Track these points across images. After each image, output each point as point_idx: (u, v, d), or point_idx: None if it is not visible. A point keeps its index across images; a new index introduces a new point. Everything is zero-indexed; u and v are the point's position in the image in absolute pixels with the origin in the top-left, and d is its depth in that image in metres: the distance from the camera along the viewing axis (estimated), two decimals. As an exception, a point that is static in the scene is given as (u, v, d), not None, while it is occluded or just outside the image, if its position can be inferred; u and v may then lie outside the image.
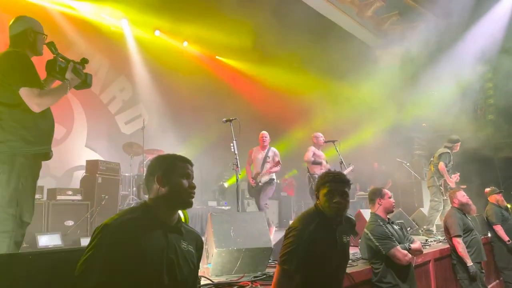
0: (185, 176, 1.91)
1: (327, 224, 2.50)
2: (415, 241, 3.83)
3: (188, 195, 1.88)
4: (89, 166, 6.87)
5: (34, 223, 5.47)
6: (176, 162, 1.94)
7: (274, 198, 10.54)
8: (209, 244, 3.63)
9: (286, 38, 9.66)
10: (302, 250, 2.34)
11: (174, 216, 1.91)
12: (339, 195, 2.47)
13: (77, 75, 3.08)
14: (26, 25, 3.03)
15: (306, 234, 2.38)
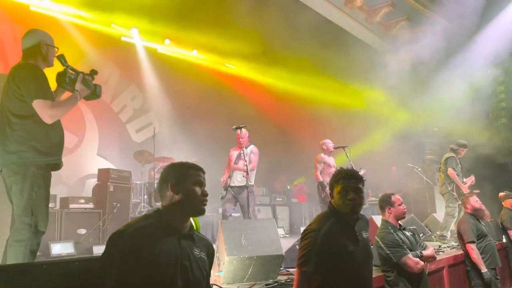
0: (197, 183, 1.93)
1: (344, 222, 2.47)
2: (428, 248, 3.78)
3: (200, 203, 1.91)
4: (101, 175, 6.93)
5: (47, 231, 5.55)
6: (189, 170, 1.97)
7: (284, 204, 10.52)
8: (220, 252, 3.63)
9: (295, 44, 9.68)
10: (319, 250, 2.30)
11: (187, 223, 1.94)
12: (353, 192, 2.45)
13: (86, 86, 3.15)
14: (39, 38, 3.12)
15: (322, 233, 2.35)
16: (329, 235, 2.35)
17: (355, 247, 2.41)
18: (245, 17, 8.58)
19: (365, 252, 2.50)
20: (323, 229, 2.37)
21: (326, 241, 2.32)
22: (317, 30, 9.71)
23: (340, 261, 2.34)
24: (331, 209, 2.53)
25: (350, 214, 2.47)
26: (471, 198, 5.39)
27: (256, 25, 8.77)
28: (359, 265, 2.42)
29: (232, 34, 9.12)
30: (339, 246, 2.36)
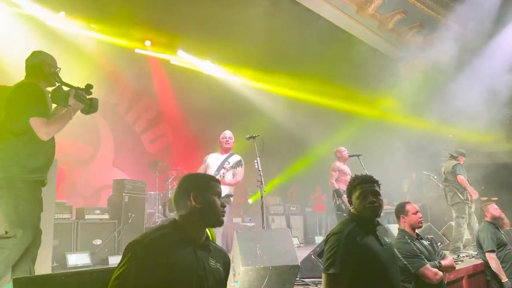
0: (217, 195, 1.98)
1: (365, 226, 2.51)
2: (447, 257, 3.71)
3: (220, 214, 1.96)
4: (116, 185, 7.00)
5: (64, 242, 5.64)
6: (210, 181, 2.02)
7: (298, 213, 10.46)
8: (235, 262, 3.62)
9: (308, 53, 9.71)
10: (343, 251, 2.34)
11: (204, 233, 1.95)
12: (371, 195, 2.51)
13: (79, 101, 3.18)
14: (41, 58, 3.22)
15: (345, 235, 2.40)
16: (352, 235, 2.41)
17: (379, 249, 2.45)
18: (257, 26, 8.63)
19: (390, 255, 2.53)
20: (346, 231, 2.43)
21: (349, 242, 2.37)
22: (330, 39, 9.72)
23: (365, 261, 2.37)
24: (351, 216, 2.57)
25: (371, 217, 2.52)
26: (490, 206, 5.30)
27: (268, 34, 8.81)
28: (385, 266, 2.44)
29: (244, 43, 9.18)
30: (363, 246, 2.40)
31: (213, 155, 5.50)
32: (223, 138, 5.51)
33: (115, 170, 8.90)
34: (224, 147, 5.45)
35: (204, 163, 5.49)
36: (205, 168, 5.41)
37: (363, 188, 2.54)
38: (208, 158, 5.47)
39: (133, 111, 9.73)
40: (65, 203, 6.14)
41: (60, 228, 5.54)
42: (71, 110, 3.16)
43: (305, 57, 9.83)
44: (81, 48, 8.30)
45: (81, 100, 3.18)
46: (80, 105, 3.20)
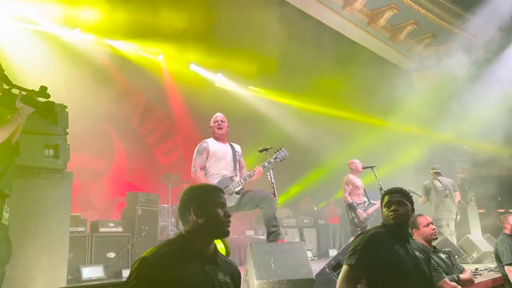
0: (220, 205, 1.93)
1: (393, 234, 2.62)
2: (465, 271, 3.64)
3: (224, 225, 1.91)
4: (129, 198, 7.02)
5: (78, 255, 5.66)
6: (210, 192, 1.96)
7: (311, 226, 10.37)
8: (249, 276, 3.59)
9: (319, 65, 9.73)
10: (363, 248, 2.50)
11: (211, 246, 1.92)
12: (395, 204, 2.65)
13: (28, 104, 2.90)
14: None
15: (369, 234, 2.58)
16: (376, 237, 2.57)
17: (403, 256, 2.52)
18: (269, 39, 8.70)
19: (419, 271, 2.55)
20: (371, 232, 2.61)
21: (372, 241, 2.53)
22: (342, 51, 9.76)
23: (384, 263, 2.46)
24: (383, 223, 2.72)
25: (393, 224, 2.62)
26: (510, 217, 5.18)
27: (280, 45, 8.87)
28: (406, 276, 2.48)
29: (256, 55, 9.25)
30: (385, 249, 2.51)
31: (213, 143, 4.72)
32: (214, 123, 4.78)
33: (128, 183, 8.95)
34: (218, 133, 4.74)
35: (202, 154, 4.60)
36: (205, 158, 4.58)
37: (390, 198, 2.71)
38: (210, 147, 4.63)
39: (146, 124, 9.82)
40: (80, 216, 6.17)
41: (74, 241, 5.56)
42: (17, 114, 2.88)
43: (317, 68, 9.85)
44: (95, 62, 8.45)
45: (29, 103, 2.90)
46: (29, 109, 2.92)
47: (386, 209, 2.69)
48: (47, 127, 3.37)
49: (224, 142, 4.77)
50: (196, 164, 4.54)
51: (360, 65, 9.90)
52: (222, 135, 4.74)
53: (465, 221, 8.97)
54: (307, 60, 9.68)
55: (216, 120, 4.81)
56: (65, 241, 3.36)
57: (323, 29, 9.50)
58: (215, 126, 4.77)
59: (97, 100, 8.79)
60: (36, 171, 3.22)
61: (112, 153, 8.97)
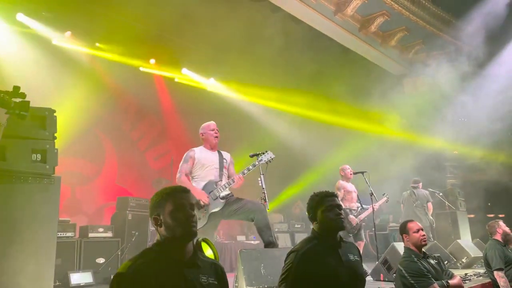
0: (177, 208, 1.85)
1: (326, 243, 2.56)
2: (455, 276, 3.64)
3: (185, 228, 1.83)
4: (119, 203, 6.98)
5: (66, 261, 5.59)
6: (165, 198, 1.89)
7: (303, 231, 10.37)
8: (239, 282, 3.57)
9: (312, 70, 9.76)
10: (296, 270, 2.41)
11: (187, 249, 1.86)
12: (337, 208, 2.61)
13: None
14: None
15: (300, 254, 2.46)
16: (307, 254, 2.46)
17: (338, 267, 2.48)
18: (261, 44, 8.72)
19: (352, 273, 2.54)
20: (302, 250, 2.49)
21: (304, 261, 2.43)
22: (333, 56, 9.80)
23: (320, 280, 2.41)
24: (313, 233, 2.65)
25: (338, 229, 2.58)
26: (501, 223, 5.22)
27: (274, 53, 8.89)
28: (342, 285, 2.46)
29: (248, 62, 9.26)
30: (319, 265, 2.44)
31: (200, 151, 4.69)
32: (211, 130, 4.71)
33: (118, 188, 8.89)
34: (213, 142, 4.69)
35: (188, 161, 4.57)
36: (190, 167, 4.57)
37: (329, 202, 2.62)
38: (195, 155, 4.60)
39: (137, 129, 9.77)
40: (69, 221, 6.12)
41: (63, 247, 5.51)
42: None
43: (308, 74, 9.89)
44: (86, 66, 8.41)
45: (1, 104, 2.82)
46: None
47: (326, 214, 2.58)
48: (34, 131, 3.32)
49: (214, 150, 4.74)
50: (181, 170, 4.55)
51: (352, 71, 9.95)
52: (216, 143, 4.74)
53: (455, 226, 9.03)
54: (300, 66, 9.72)
55: (212, 128, 4.77)
56: (52, 246, 3.31)
57: (315, 34, 9.54)
58: (211, 134, 4.71)
59: (88, 104, 8.73)
60: (23, 176, 3.18)
61: (102, 157, 8.91)
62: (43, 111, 3.43)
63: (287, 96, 10.71)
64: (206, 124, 4.82)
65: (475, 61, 9.71)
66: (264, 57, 9.06)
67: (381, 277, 5.58)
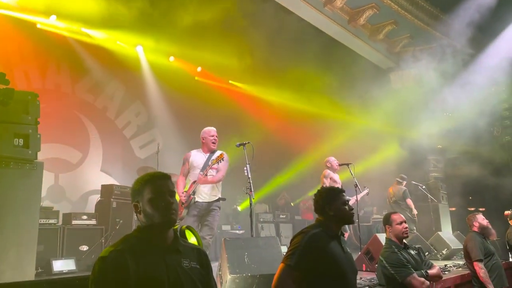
0: (155, 195, 1.84)
1: (330, 232, 2.69)
2: (434, 267, 3.73)
3: (164, 216, 1.81)
4: (104, 191, 6.93)
5: (49, 248, 5.54)
6: (144, 185, 1.88)
7: (288, 221, 10.45)
8: (223, 270, 3.59)
9: (299, 62, 9.76)
10: (303, 249, 2.51)
11: (168, 235, 1.86)
12: (348, 203, 2.80)
13: None
14: None
15: (309, 235, 2.59)
16: (315, 237, 2.59)
17: (340, 255, 2.62)
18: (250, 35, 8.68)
19: (351, 265, 2.69)
20: (310, 233, 2.61)
21: (311, 242, 2.55)
22: (321, 48, 9.80)
23: (325, 262, 2.52)
24: (319, 222, 2.77)
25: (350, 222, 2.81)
26: (478, 216, 5.33)
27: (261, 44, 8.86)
28: (344, 273, 2.58)
29: (236, 51, 9.21)
30: (324, 248, 2.56)
31: (195, 153, 5.12)
32: (210, 136, 5.10)
33: (103, 175, 8.81)
34: (210, 147, 5.09)
35: (184, 163, 5.09)
36: (187, 169, 5.05)
37: (344, 197, 2.80)
38: (190, 157, 5.06)
39: (123, 116, 9.66)
40: (52, 208, 6.06)
41: (45, 234, 5.45)
42: None
43: (295, 66, 9.88)
44: (71, 51, 8.26)
45: None
46: None
47: (344, 207, 2.74)
48: (17, 116, 3.27)
49: (208, 152, 5.11)
50: (180, 172, 5.10)
51: (340, 63, 9.98)
52: (213, 149, 5.10)
53: (436, 219, 9.20)
54: (287, 57, 9.70)
55: (212, 134, 5.12)
56: (34, 233, 3.28)
57: (304, 26, 9.52)
58: (210, 140, 5.09)
59: (73, 91, 8.62)
60: (4, 161, 3.13)
61: (87, 144, 8.80)
62: (26, 95, 3.38)
63: (273, 87, 10.70)
64: (207, 130, 5.20)
65: (461, 56, 9.81)
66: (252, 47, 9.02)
67: (363, 268, 5.67)
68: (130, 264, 1.68)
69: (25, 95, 3.37)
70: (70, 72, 8.16)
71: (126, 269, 1.66)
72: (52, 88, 8.08)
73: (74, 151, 8.50)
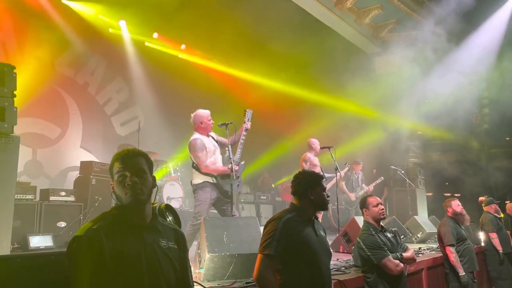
0: (121, 175, 1.80)
1: (303, 217, 2.71)
2: (408, 249, 3.82)
3: (130, 195, 1.77)
4: (83, 167, 6.84)
5: (26, 223, 5.47)
6: (113, 164, 1.85)
7: (268, 202, 10.54)
8: (201, 249, 3.61)
9: (283, 43, 9.68)
10: (279, 235, 2.52)
11: (145, 214, 1.83)
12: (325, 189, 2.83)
13: None
14: None
15: (283, 221, 2.59)
16: (289, 222, 2.60)
17: (313, 239, 2.64)
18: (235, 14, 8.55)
19: (324, 247, 2.72)
20: (284, 218, 2.62)
21: (286, 227, 2.56)
22: (307, 30, 9.73)
23: (299, 247, 2.55)
24: (293, 206, 2.80)
25: (326, 209, 2.82)
26: (453, 202, 5.47)
27: (244, 22, 8.74)
28: (317, 256, 2.61)
29: (221, 30, 9.08)
30: (298, 233, 2.59)
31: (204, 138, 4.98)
32: (208, 120, 5.04)
33: (83, 152, 8.68)
34: (209, 129, 5.07)
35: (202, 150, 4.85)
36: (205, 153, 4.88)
37: (323, 184, 2.83)
38: (205, 143, 4.92)
39: (104, 92, 9.48)
40: (29, 184, 5.96)
41: (22, 209, 5.37)
42: None
43: (281, 47, 9.80)
44: (52, 23, 8.01)
45: None
46: None
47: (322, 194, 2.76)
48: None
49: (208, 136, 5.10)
50: (203, 159, 4.84)
51: (324, 46, 9.93)
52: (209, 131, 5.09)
53: (413, 203, 9.40)
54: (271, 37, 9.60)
55: (209, 118, 5.07)
56: (10, 208, 3.22)
57: (289, 7, 9.41)
58: (209, 124, 5.06)
59: (53, 64, 8.38)
60: (-22, 134, 3.05)
61: (67, 120, 8.63)
62: (2, 66, 3.28)
63: (257, 68, 10.62)
64: (205, 114, 5.08)
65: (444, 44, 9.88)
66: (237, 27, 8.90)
67: (340, 249, 5.77)
68: (106, 243, 1.66)
69: (1, 67, 3.27)
70: (50, 46, 7.92)
71: (101, 248, 1.64)
72: (31, 61, 7.85)
73: (53, 126, 8.33)
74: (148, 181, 1.85)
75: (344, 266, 4.20)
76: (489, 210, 6.96)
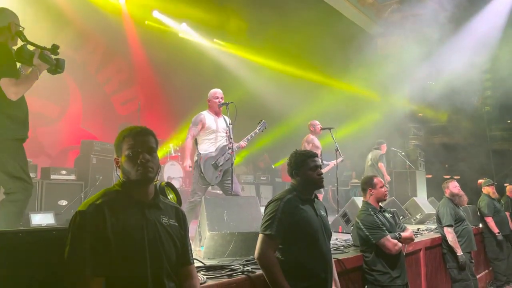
0: (132, 152, 1.81)
1: (304, 197, 2.73)
2: (407, 229, 3.85)
3: (140, 173, 1.78)
4: (83, 146, 6.85)
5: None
6: (122, 140, 1.86)
7: (268, 183, 10.59)
8: (202, 227, 3.64)
9: (285, 23, 9.57)
10: (280, 216, 2.55)
11: (148, 191, 1.85)
12: (319, 168, 2.80)
13: (44, 61, 3.17)
14: (10, 19, 3.21)
15: (284, 201, 2.61)
16: (290, 203, 2.62)
17: (314, 218, 2.66)
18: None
19: (324, 227, 2.72)
20: (285, 198, 2.64)
21: (287, 207, 2.59)
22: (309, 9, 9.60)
23: (300, 226, 2.58)
24: (293, 186, 2.79)
25: (319, 187, 2.80)
26: (450, 183, 5.50)
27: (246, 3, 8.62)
28: (317, 234, 2.63)
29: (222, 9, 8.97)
30: (299, 213, 2.61)
31: (208, 115, 4.99)
32: (215, 98, 5.02)
33: (83, 131, 8.68)
34: (217, 110, 5.02)
35: (196, 124, 4.90)
36: (199, 129, 4.91)
37: (313, 162, 2.78)
38: (205, 119, 4.93)
39: (104, 72, 9.42)
40: (30, 162, 5.96)
41: (23, 187, 5.39)
42: (36, 70, 3.13)
43: (283, 27, 9.69)
44: (51, 2, 7.88)
45: (45, 60, 3.15)
46: (45, 65, 3.18)
47: (312, 172, 2.74)
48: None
49: (219, 116, 5.08)
50: (190, 133, 4.93)
51: (326, 25, 9.81)
52: (220, 110, 5.06)
53: (412, 185, 9.45)
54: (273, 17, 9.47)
55: (216, 96, 5.05)
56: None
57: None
58: (215, 102, 5.02)
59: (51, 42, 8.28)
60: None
61: (67, 99, 8.59)
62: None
63: (258, 48, 10.52)
64: (213, 92, 5.12)
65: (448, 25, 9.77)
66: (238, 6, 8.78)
67: (339, 229, 5.82)
68: (109, 218, 1.68)
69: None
70: (49, 24, 7.81)
71: (104, 223, 1.66)
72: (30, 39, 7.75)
73: (53, 106, 8.30)
74: (157, 160, 1.89)
75: (343, 246, 4.24)
76: (485, 191, 7.05)
